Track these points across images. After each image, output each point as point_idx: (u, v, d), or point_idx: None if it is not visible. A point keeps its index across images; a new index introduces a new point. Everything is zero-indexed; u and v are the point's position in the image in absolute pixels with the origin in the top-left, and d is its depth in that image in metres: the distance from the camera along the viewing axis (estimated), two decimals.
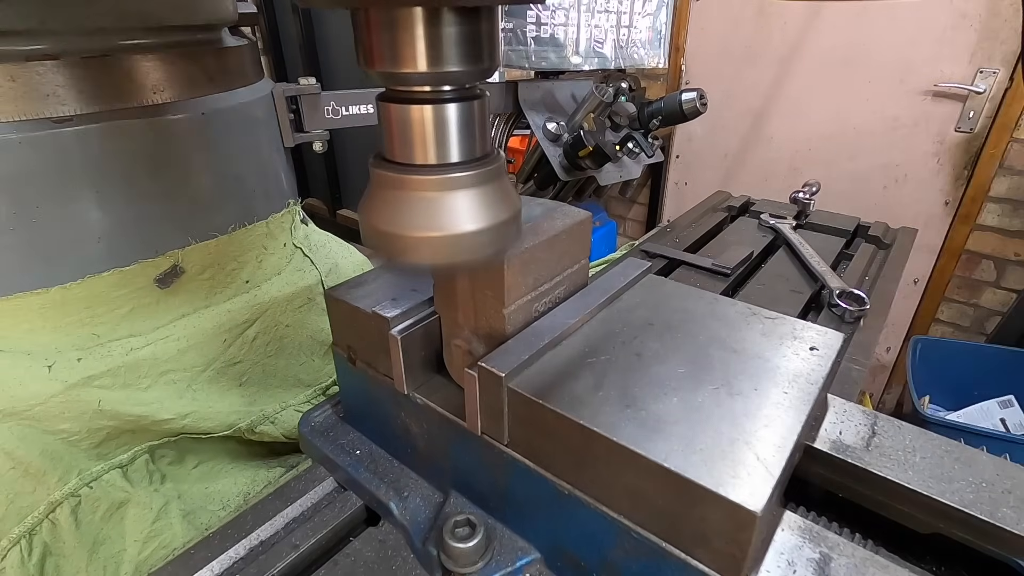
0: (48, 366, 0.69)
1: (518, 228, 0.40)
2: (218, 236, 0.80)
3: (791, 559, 0.39)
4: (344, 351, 0.57)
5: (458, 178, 0.36)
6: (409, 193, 0.36)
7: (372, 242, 0.38)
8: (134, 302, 0.75)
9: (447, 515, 0.49)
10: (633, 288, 0.57)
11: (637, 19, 2.25)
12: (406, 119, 0.35)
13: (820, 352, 0.48)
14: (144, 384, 0.75)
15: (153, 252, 0.75)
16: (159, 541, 0.73)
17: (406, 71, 0.33)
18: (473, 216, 0.36)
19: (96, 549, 0.71)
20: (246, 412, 0.82)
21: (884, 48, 2.25)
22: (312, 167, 2.42)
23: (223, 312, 0.82)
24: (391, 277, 0.58)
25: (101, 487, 0.72)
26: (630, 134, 1.73)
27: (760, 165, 2.75)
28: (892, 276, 1.01)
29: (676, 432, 0.39)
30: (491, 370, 0.43)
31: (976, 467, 0.45)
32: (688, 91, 1.53)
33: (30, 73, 0.61)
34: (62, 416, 0.69)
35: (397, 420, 0.55)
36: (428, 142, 0.35)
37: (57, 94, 0.63)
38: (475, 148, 0.37)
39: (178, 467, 0.81)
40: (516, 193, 0.40)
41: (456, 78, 0.34)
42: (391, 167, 0.36)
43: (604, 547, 0.42)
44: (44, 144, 0.64)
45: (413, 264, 0.38)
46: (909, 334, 2.47)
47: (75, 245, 0.70)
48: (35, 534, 0.68)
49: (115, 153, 0.69)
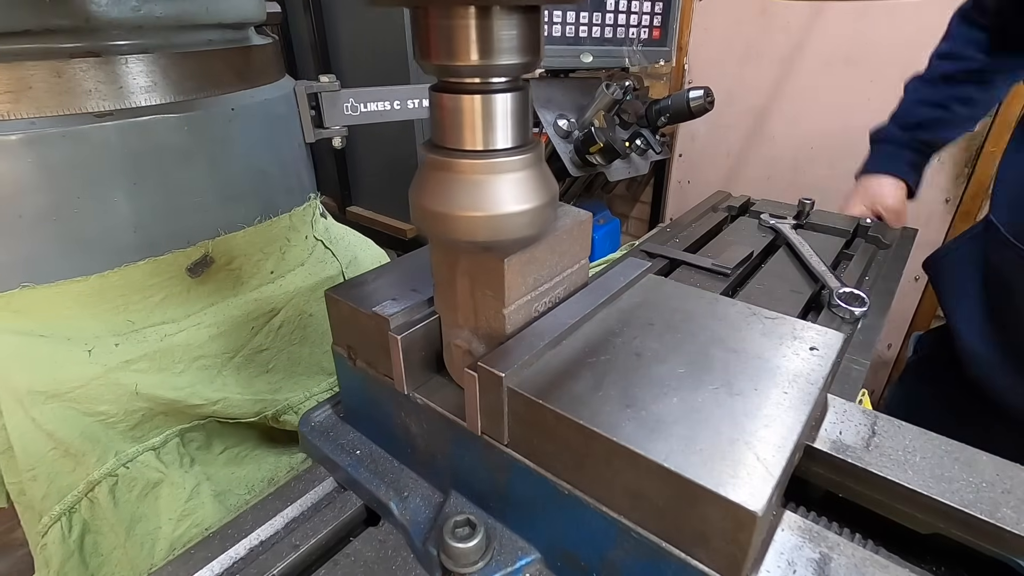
0: (88, 350, 0.72)
1: (554, 212, 0.44)
2: (245, 228, 0.84)
3: (791, 559, 0.39)
4: (344, 351, 0.57)
5: (503, 163, 0.39)
6: (458, 175, 0.39)
7: (421, 221, 0.42)
8: (167, 290, 0.78)
9: (447, 515, 0.49)
10: (633, 288, 0.57)
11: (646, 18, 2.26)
12: (457, 108, 0.38)
13: (820, 352, 0.48)
14: (178, 369, 0.78)
15: (185, 242, 0.78)
16: (192, 520, 0.76)
17: (459, 63, 0.36)
18: (515, 198, 0.40)
19: (133, 526, 0.74)
20: (271, 401, 0.85)
21: (886, 48, 2.25)
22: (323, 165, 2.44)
23: (250, 301, 0.85)
24: (391, 277, 0.58)
25: (137, 467, 0.75)
26: (639, 131, 1.75)
27: (763, 163, 2.75)
28: (892, 276, 1.01)
29: (676, 432, 0.39)
30: (491, 370, 0.43)
31: (976, 467, 0.45)
32: (696, 89, 1.55)
33: (74, 69, 0.64)
34: (101, 398, 0.72)
35: (397, 420, 0.55)
36: (477, 129, 0.39)
37: (98, 89, 0.66)
38: (518, 136, 0.40)
39: (206, 452, 0.84)
40: (553, 179, 0.43)
41: (504, 70, 0.37)
42: (442, 152, 0.40)
43: (604, 547, 0.42)
44: (85, 138, 0.67)
45: (459, 241, 0.41)
46: (910, 331, 2.48)
47: (112, 235, 0.73)
48: (75, 512, 0.71)
49: (151, 146, 0.72)
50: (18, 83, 0.62)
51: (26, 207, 0.67)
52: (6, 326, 0.70)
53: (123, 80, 0.67)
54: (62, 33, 0.64)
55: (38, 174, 0.66)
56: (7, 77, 0.61)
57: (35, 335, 0.71)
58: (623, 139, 1.72)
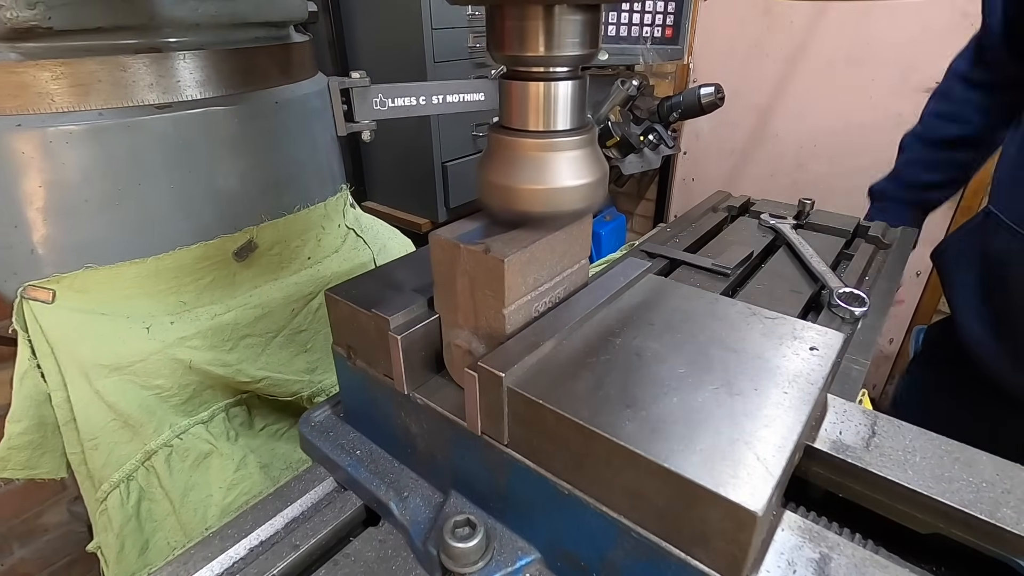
0: (146, 328, 0.77)
1: (605, 189, 0.47)
2: (285, 215, 0.89)
3: (791, 559, 0.39)
4: (344, 351, 0.57)
5: (562, 142, 0.44)
6: (522, 153, 0.44)
7: (487, 194, 0.46)
8: (215, 273, 0.83)
9: (447, 515, 0.49)
10: (633, 288, 0.57)
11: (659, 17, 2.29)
12: (524, 93, 0.43)
13: (820, 352, 0.48)
14: (227, 347, 0.83)
15: (232, 228, 0.83)
16: (240, 489, 0.81)
17: (528, 54, 0.41)
18: (572, 174, 0.44)
19: (187, 494, 0.79)
20: (308, 381, 0.91)
21: (887, 47, 2.26)
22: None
23: (290, 284, 0.91)
24: (391, 277, 0.58)
25: (189, 439, 0.80)
26: (651, 126, 1.79)
27: (766, 162, 2.76)
28: (892, 276, 1.01)
29: (676, 432, 0.38)
30: (491, 370, 0.43)
31: (976, 467, 0.45)
32: (707, 86, 1.58)
33: (137, 64, 0.69)
34: (159, 373, 0.77)
35: (397, 420, 0.55)
36: (540, 112, 0.43)
37: (158, 83, 0.71)
38: (576, 119, 0.44)
39: (248, 428, 0.90)
40: (604, 159, 0.47)
41: (566, 61, 0.42)
42: (508, 132, 0.45)
43: (604, 547, 0.42)
44: (146, 128, 0.72)
45: (521, 212, 0.45)
46: (911, 325, 2.48)
47: (167, 220, 0.77)
48: (131, 480, 0.76)
49: (203, 137, 0.77)
50: (88, 77, 0.67)
51: (92, 193, 0.71)
52: (71, 304, 0.74)
53: (180, 74, 0.72)
54: (129, 30, 0.69)
55: (104, 162, 0.71)
56: (78, 71, 0.66)
57: (97, 313, 0.75)
58: (637, 134, 1.76)
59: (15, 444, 0.75)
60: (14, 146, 0.67)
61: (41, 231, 0.72)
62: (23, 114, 0.66)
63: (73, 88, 0.67)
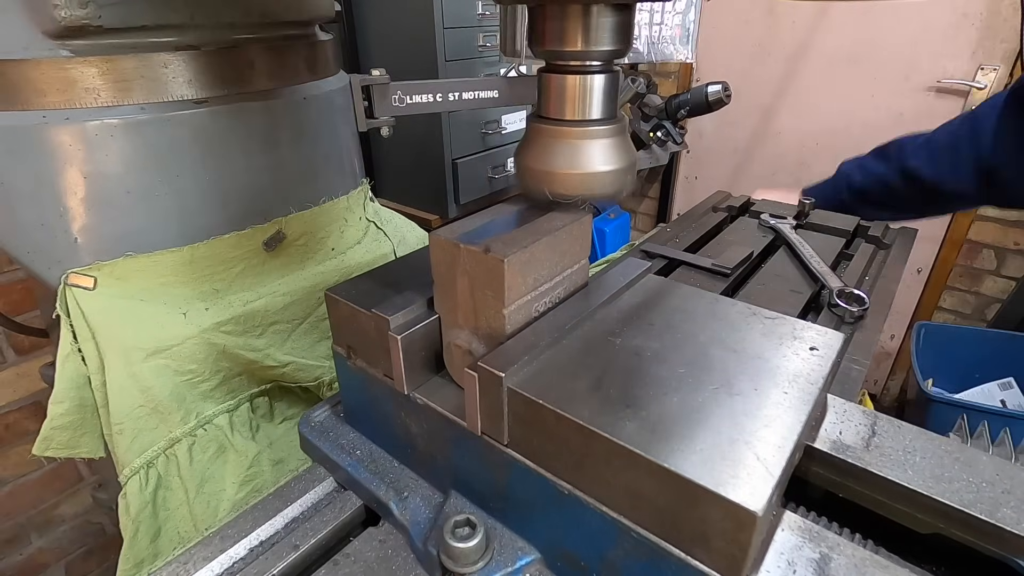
0: (183, 313, 0.80)
1: (634, 175, 0.50)
2: (311, 207, 0.93)
3: (791, 559, 0.39)
4: (344, 351, 0.57)
5: (596, 130, 0.47)
6: (558, 140, 0.47)
7: (525, 179, 0.50)
8: (245, 262, 0.86)
9: (447, 515, 0.49)
10: (633, 288, 0.57)
11: (668, 16, 2.29)
12: (562, 85, 0.46)
13: (820, 352, 0.48)
14: (257, 332, 0.87)
15: (262, 219, 0.86)
16: (252, 485, 0.84)
17: (567, 49, 0.44)
18: (604, 160, 0.47)
19: (203, 485, 0.81)
20: (329, 367, 0.94)
21: (889, 46, 2.26)
22: None
23: (316, 274, 0.94)
24: (391, 277, 0.58)
25: (212, 430, 0.83)
26: (660, 123, 1.80)
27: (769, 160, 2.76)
28: (892, 276, 1.01)
29: (676, 432, 0.38)
30: (491, 370, 0.43)
31: (976, 467, 0.45)
32: (714, 84, 1.59)
33: (178, 61, 0.72)
34: (193, 357, 0.80)
35: (397, 420, 0.55)
36: (576, 102, 0.46)
37: (197, 79, 0.74)
38: (608, 109, 0.47)
39: (268, 420, 0.93)
40: (633, 148, 0.50)
41: (601, 56, 0.45)
42: (546, 121, 0.48)
43: (604, 547, 0.42)
44: (185, 122, 0.75)
45: (557, 194, 0.48)
46: (912, 322, 2.48)
47: (203, 210, 0.81)
48: (152, 466, 0.78)
49: (238, 130, 0.80)
50: (131, 73, 0.70)
51: (133, 184, 0.75)
52: (112, 291, 0.77)
53: (216, 71, 0.75)
54: (170, 29, 0.72)
55: (144, 155, 0.74)
56: (122, 68, 0.69)
57: (136, 299, 0.78)
58: (647, 130, 1.78)
59: (57, 424, 0.77)
60: (61, 139, 0.70)
61: (83, 220, 0.74)
62: (71, 108, 0.69)
63: (117, 84, 0.69)
